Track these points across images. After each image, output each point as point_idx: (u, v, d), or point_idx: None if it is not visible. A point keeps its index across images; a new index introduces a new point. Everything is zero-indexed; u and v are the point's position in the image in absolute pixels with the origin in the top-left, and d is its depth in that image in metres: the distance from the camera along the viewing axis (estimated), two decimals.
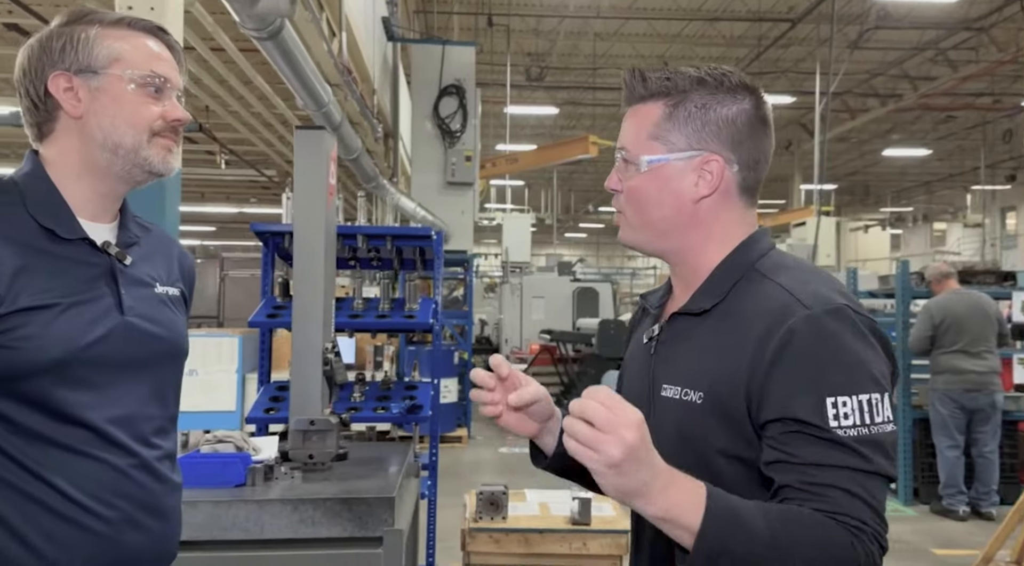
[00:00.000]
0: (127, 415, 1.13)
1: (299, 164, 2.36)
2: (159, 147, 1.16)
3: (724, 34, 13.40)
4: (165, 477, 1.18)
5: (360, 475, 2.15)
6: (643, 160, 1.05)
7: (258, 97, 8.51)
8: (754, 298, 0.99)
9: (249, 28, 3.53)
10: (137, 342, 1.15)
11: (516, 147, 14.90)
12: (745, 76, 1.06)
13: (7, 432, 1.04)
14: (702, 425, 0.98)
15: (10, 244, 1.06)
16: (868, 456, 0.91)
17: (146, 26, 1.19)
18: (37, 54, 1.13)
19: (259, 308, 2.94)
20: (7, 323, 1.02)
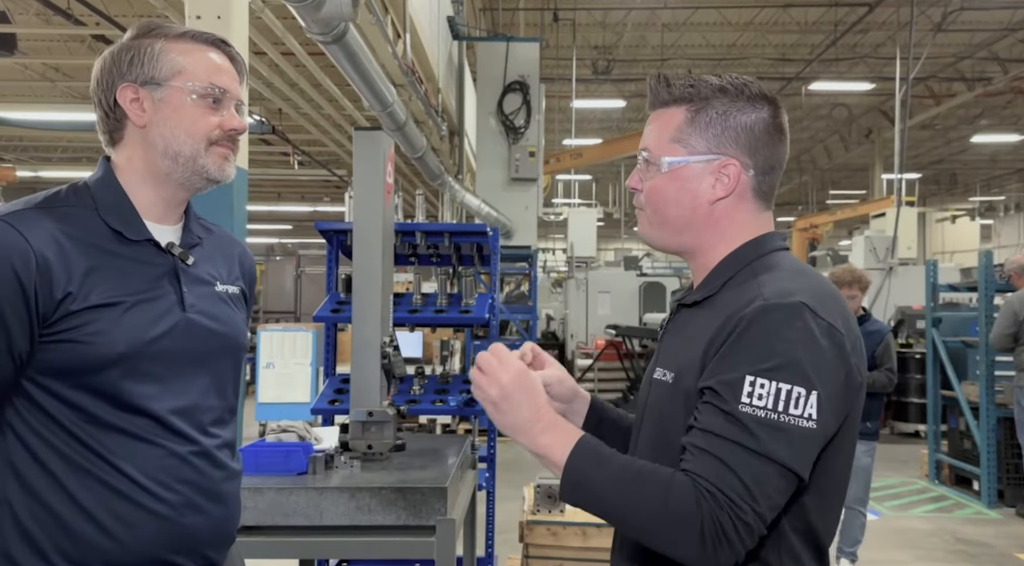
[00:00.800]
0: (188, 406, 1.20)
1: (358, 164, 2.44)
2: (216, 155, 1.22)
3: (798, 20, 12.95)
4: (223, 464, 1.25)
5: (416, 466, 2.21)
6: (664, 161, 1.11)
7: (327, 99, 8.77)
8: (736, 293, 1.05)
9: (315, 32, 3.64)
10: (197, 337, 1.21)
11: (582, 141, 14.84)
12: (764, 86, 1.13)
13: (81, 420, 1.12)
14: (670, 404, 1.07)
15: (82, 246, 1.14)
16: (760, 437, 0.94)
17: (208, 38, 1.25)
18: (108, 66, 1.22)
19: (323, 303, 3.05)
20: (79, 319, 1.10)
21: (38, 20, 8.07)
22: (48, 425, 1.12)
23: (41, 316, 1.09)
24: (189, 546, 1.19)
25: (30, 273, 1.08)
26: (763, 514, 0.94)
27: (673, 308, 1.21)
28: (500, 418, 1.07)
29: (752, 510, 0.94)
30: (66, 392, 1.11)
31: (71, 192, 1.21)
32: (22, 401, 1.12)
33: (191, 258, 1.25)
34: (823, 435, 0.98)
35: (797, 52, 14.18)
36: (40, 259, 1.09)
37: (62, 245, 1.12)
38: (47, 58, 9.62)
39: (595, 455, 1.02)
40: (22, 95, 11.50)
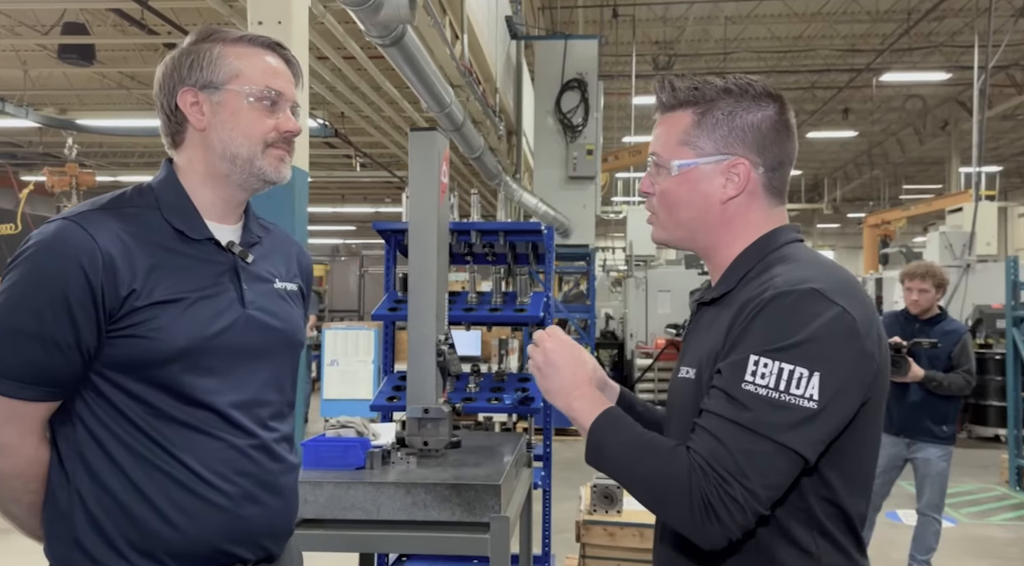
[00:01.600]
0: (247, 400, 1.24)
1: (413, 164, 2.47)
2: (272, 157, 1.26)
3: (868, 9, 12.48)
4: (282, 457, 1.28)
5: (471, 463, 2.22)
6: (673, 164, 1.14)
7: (388, 101, 8.91)
8: (752, 287, 1.07)
9: (374, 36, 3.71)
10: (256, 333, 1.25)
11: (642, 138, 14.65)
12: (769, 85, 1.15)
13: (145, 413, 1.17)
14: (693, 400, 1.08)
15: (146, 245, 1.19)
16: (756, 414, 0.96)
17: (264, 42, 1.28)
18: (169, 71, 1.26)
19: (382, 302, 3.10)
20: (142, 315, 1.15)
21: (115, 31, 8.45)
22: (115, 418, 1.16)
23: (107, 312, 1.13)
24: (247, 537, 1.23)
25: (97, 271, 1.12)
26: (755, 491, 0.96)
27: (693, 308, 1.23)
28: (543, 382, 1.16)
29: (741, 486, 0.95)
30: (131, 385, 1.16)
31: (135, 193, 1.26)
32: (91, 394, 1.17)
33: (250, 256, 1.28)
34: (830, 417, 0.98)
35: (868, 42, 13.67)
36: (106, 257, 1.13)
37: (126, 244, 1.16)
38: (123, 67, 10.06)
39: (617, 423, 1.09)
40: (100, 103, 12.07)
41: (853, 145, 20.52)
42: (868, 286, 11.36)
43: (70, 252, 1.12)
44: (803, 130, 18.51)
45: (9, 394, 1.12)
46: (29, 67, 9.82)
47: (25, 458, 1.17)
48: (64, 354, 1.13)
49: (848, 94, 15.19)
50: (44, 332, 1.11)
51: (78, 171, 7.92)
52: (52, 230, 1.15)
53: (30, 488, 1.19)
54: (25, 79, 9.90)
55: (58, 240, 1.14)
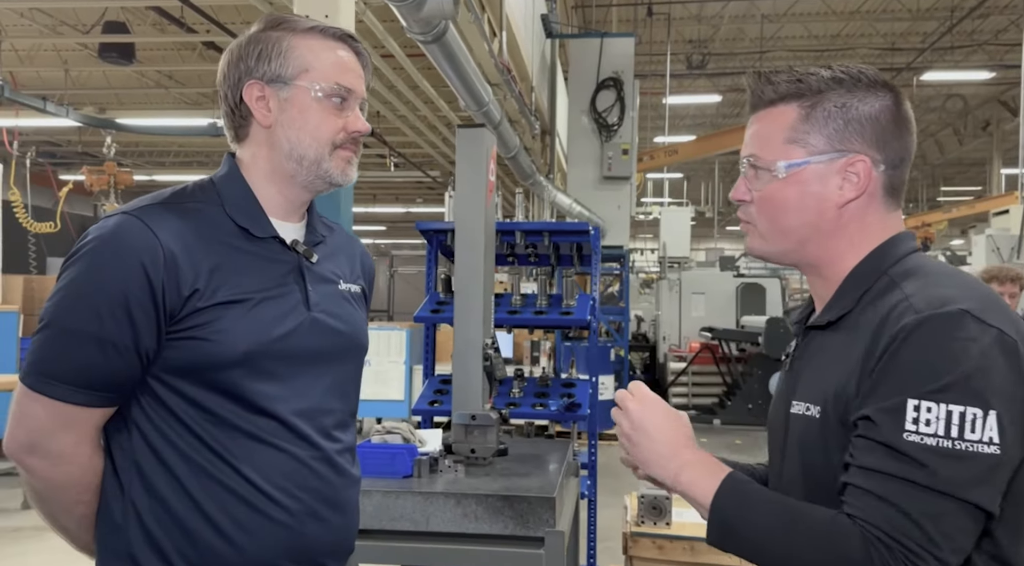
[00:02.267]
0: (310, 408, 1.16)
1: (460, 162, 2.40)
2: (339, 159, 1.19)
3: (909, 7, 12.20)
4: (344, 470, 1.21)
5: (521, 472, 2.14)
6: (780, 165, 1.01)
7: (424, 101, 8.88)
8: (877, 307, 0.94)
9: (415, 32, 3.65)
10: (321, 336, 1.18)
11: (675, 138, 14.48)
12: (881, 73, 1.02)
13: (205, 421, 1.10)
14: (819, 442, 0.95)
15: (209, 242, 1.12)
16: (934, 470, 0.83)
17: (336, 33, 1.21)
18: (235, 60, 1.18)
19: (423, 304, 3.03)
20: (205, 316, 1.08)
21: (154, 30, 8.53)
22: (172, 425, 1.10)
23: (168, 313, 1.07)
24: (307, 556, 1.16)
25: (158, 269, 1.06)
26: (947, 561, 0.82)
27: (797, 331, 1.09)
28: (635, 452, 1.02)
29: (934, 558, 0.82)
30: (191, 391, 1.09)
31: (197, 188, 1.19)
32: (148, 400, 1.10)
33: (315, 256, 1.22)
34: (1009, 461, 0.85)
35: (908, 41, 13.37)
36: (168, 255, 1.07)
37: (189, 241, 1.10)
38: (161, 66, 10.17)
39: (744, 495, 0.94)
40: (138, 102, 12.23)
41: None
42: None
43: (130, 249, 1.06)
44: None
45: (64, 399, 1.06)
46: (70, 67, 9.97)
47: (79, 466, 1.11)
48: (122, 357, 1.06)
49: None
50: (101, 333, 1.05)
51: (116, 170, 8.00)
52: (112, 225, 1.09)
53: (83, 499, 1.13)
54: (66, 78, 10.05)
55: (118, 236, 1.07)
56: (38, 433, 1.07)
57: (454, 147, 6.05)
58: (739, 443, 7.96)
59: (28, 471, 1.10)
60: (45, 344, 1.06)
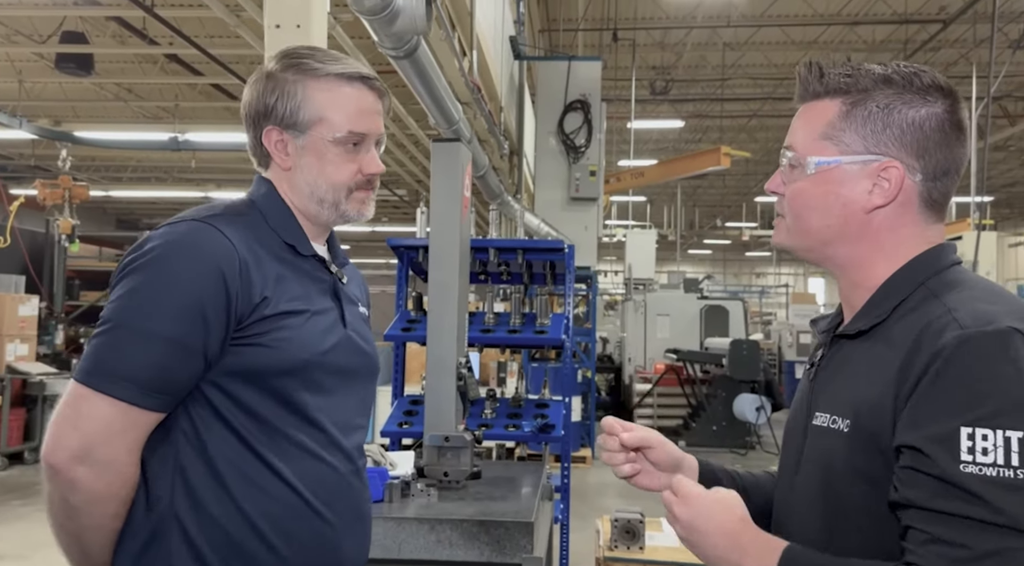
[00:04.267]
0: (346, 423, 1.19)
1: (436, 176, 2.35)
2: (356, 201, 1.23)
3: (865, 39, 12.60)
4: (367, 485, 1.25)
5: (496, 496, 2.07)
6: (810, 161, 0.97)
7: (392, 118, 8.82)
8: (914, 319, 0.89)
9: (387, 47, 3.59)
10: (353, 354, 1.22)
11: (639, 162, 14.64)
12: (941, 76, 0.96)
13: (255, 427, 1.09)
14: (847, 457, 0.90)
15: (270, 253, 1.15)
16: (997, 505, 0.77)
17: (353, 75, 1.22)
18: (255, 101, 1.21)
19: (394, 322, 2.96)
20: (270, 324, 1.10)
21: (114, 41, 8.33)
22: (222, 434, 1.09)
23: (238, 319, 1.09)
24: None
25: (234, 275, 1.08)
26: None
27: (823, 340, 1.04)
28: (696, 551, 0.96)
29: None
30: (247, 396, 1.10)
31: (242, 205, 1.21)
32: (198, 407, 1.10)
33: (344, 277, 1.28)
34: None
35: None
36: (243, 262, 1.10)
37: (256, 251, 1.13)
38: (121, 78, 9.93)
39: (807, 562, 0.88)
40: (95, 115, 11.91)
41: None
42: None
43: (208, 254, 1.08)
44: None
45: (132, 400, 1.04)
46: (24, 77, 9.68)
47: (122, 476, 1.07)
48: (192, 360, 1.07)
49: None
50: (176, 335, 1.05)
51: (71, 184, 7.75)
52: (184, 230, 1.10)
53: (119, 512, 1.09)
54: (20, 89, 9.75)
55: (195, 241, 1.09)
56: (95, 437, 1.03)
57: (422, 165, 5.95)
58: None
59: (71, 483, 1.04)
60: (113, 345, 1.05)
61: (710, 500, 0.94)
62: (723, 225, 26.22)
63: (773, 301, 24.20)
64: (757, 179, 21.53)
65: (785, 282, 25.58)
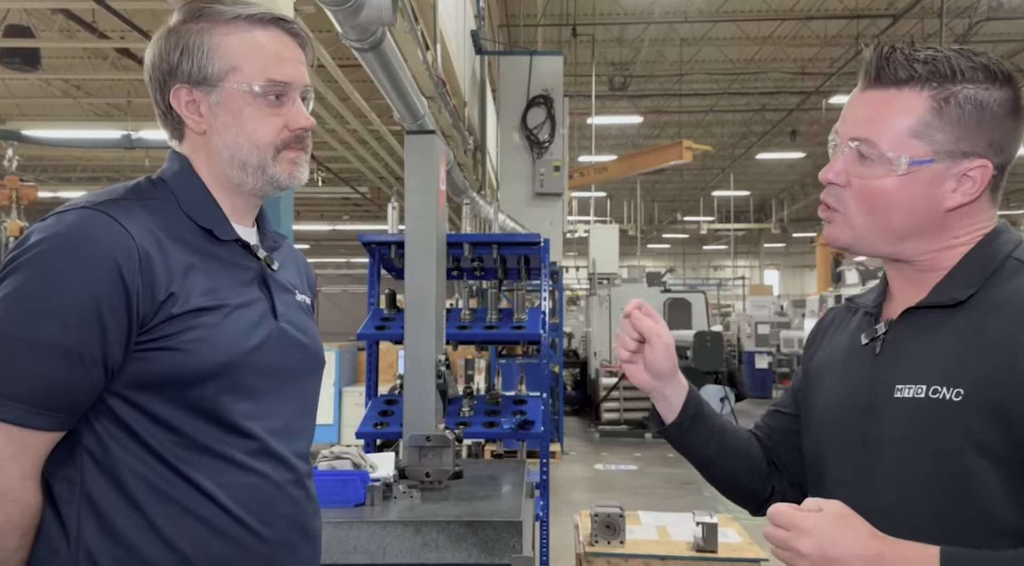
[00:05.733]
0: (283, 427, 1.06)
1: (410, 169, 2.29)
2: (285, 162, 1.09)
3: (818, 34, 12.85)
4: (313, 496, 1.12)
5: (480, 496, 2.03)
6: (902, 161, 0.92)
7: (355, 113, 8.68)
8: (1014, 286, 0.89)
9: (352, 39, 3.51)
10: (289, 350, 1.09)
11: (600, 158, 14.72)
12: (999, 60, 0.93)
13: (173, 443, 0.97)
14: (961, 424, 0.87)
15: (178, 242, 1.01)
16: None
17: (264, 18, 1.08)
18: (158, 60, 1.07)
19: (366, 321, 2.89)
20: (179, 324, 0.97)
21: (61, 35, 8.03)
22: (135, 450, 0.96)
23: (140, 319, 0.95)
24: None
25: (133, 269, 0.94)
26: None
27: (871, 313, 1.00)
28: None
29: None
30: (160, 409, 0.97)
31: (150, 185, 1.07)
32: (105, 422, 0.96)
33: (275, 263, 1.13)
34: None
35: (816, 66, 14.06)
36: (143, 254, 0.95)
37: (161, 240, 0.98)
38: (68, 74, 9.59)
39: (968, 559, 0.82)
40: (42, 112, 11.50)
41: (800, 166, 21.06)
42: (828, 304, 11.54)
43: (100, 247, 0.93)
44: (752, 152, 18.96)
45: (18, 421, 0.90)
46: None
47: (23, 506, 0.94)
48: (88, 371, 0.93)
49: (796, 116, 15.57)
50: (68, 344, 0.91)
51: (18, 184, 7.46)
52: (71, 221, 0.95)
53: (23, 545, 0.95)
54: None
55: (83, 233, 0.94)
56: None
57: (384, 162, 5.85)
58: (671, 456, 8.03)
59: None
60: None
61: (828, 523, 0.84)
62: (682, 219, 26.53)
63: (730, 293, 24.57)
64: (714, 173, 21.82)
65: (742, 274, 25.96)
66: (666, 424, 1.13)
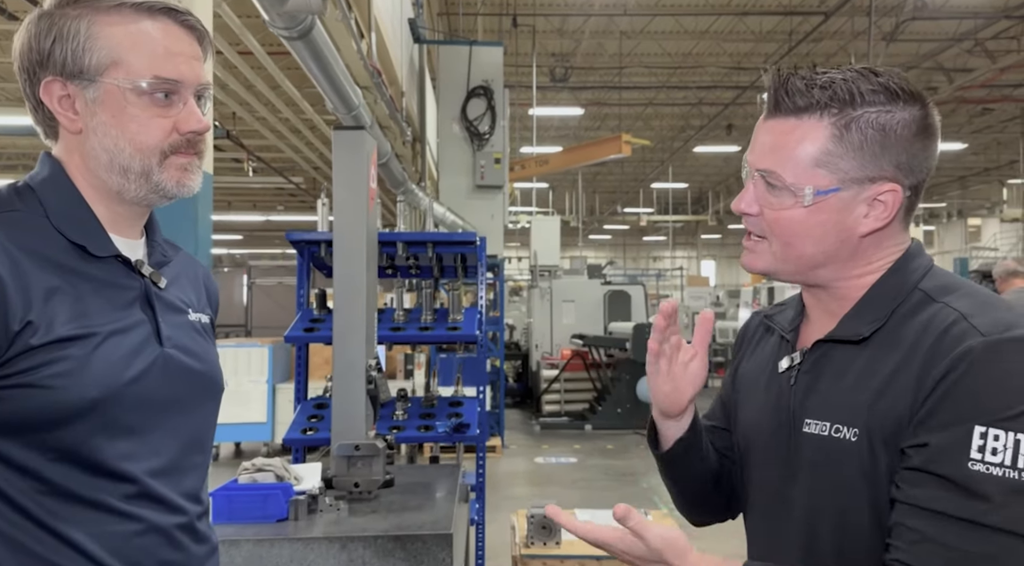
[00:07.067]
0: (169, 465, 0.96)
1: (338, 167, 2.20)
2: (173, 168, 0.96)
3: (753, 29, 13.12)
4: (206, 537, 1.01)
5: (411, 506, 1.97)
6: (807, 192, 0.89)
7: (286, 102, 8.42)
8: (922, 324, 0.87)
9: (279, 27, 3.37)
10: (177, 378, 0.98)
11: (541, 149, 14.72)
12: (907, 78, 0.91)
13: (36, 491, 0.86)
14: (856, 465, 0.87)
15: (38, 261, 0.88)
16: (998, 504, 0.76)
17: (153, 7, 0.95)
18: (27, 48, 0.94)
19: (295, 322, 2.77)
20: (41, 357, 0.85)
21: None
22: None
23: None
24: None
25: None
26: None
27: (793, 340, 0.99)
28: None
29: None
30: (18, 454, 0.85)
31: (13, 194, 0.94)
32: None
33: (163, 280, 1.01)
34: None
35: (752, 61, 14.36)
36: None
37: (16, 260, 0.86)
38: None
39: None
40: None
41: (736, 160, 21.52)
42: (761, 296, 11.82)
43: None
44: (689, 145, 19.28)
45: None
46: None
47: None
48: None
49: (732, 110, 15.89)
50: None
51: None
52: None
53: None
54: None
55: None
56: None
57: (319, 152, 5.66)
58: (611, 448, 8.11)
59: None
60: None
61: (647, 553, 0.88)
62: (622, 211, 26.83)
63: (669, 283, 24.99)
64: (653, 166, 22.12)
65: (680, 265, 26.46)
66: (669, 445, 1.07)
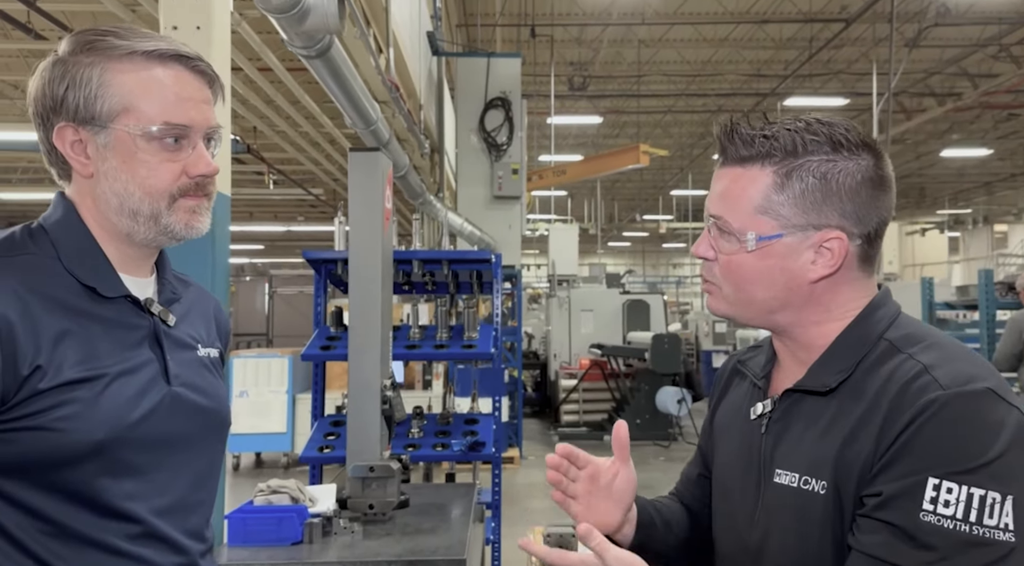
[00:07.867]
0: (175, 504, 0.97)
1: (354, 188, 2.21)
2: (182, 211, 0.98)
3: (773, 37, 13.03)
4: None
5: (426, 529, 1.96)
6: (750, 237, 0.92)
7: (305, 116, 8.51)
8: (885, 375, 0.87)
9: (297, 46, 3.40)
10: (184, 416, 0.99)
11: (559, 157, 14.73)
12: (859, 129, 0.93)
13: (41, 533, 0.86)
14: (824, 518, 0.88)
15: (50, 304, 0.89)
16: (945, 556, 0.77)
17: (165, 54, 0.97)
18: (41, 93, 0.96)
19: (312, 340, 2.79)
20: (49, 400, 0.86)
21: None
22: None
23: (0, 398, 0.85)
24: None
25: None
26: None
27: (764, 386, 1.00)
28: None
29: None
30: (25, 495, 0.86)
31: (27, 236, 0.95)
32: None
33: (172, 317, 1.02)
34: (1020, 550, 0.79)
35: (772, 68, 14.26)
36: (3, 324, 0.85)
37: (27, 304, 0.87)
38: (5, 75, 9.22)
39: None
40: None
41: None
42: None
43: None
44: (709, 152, 19.18)
45: None
46: None
47: None
48: None
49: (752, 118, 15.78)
50: None
51: None
52: None
53: None
54: None
55: None
56: None
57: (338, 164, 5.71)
58: None
59: None
60: None
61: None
62: (641, 218, 26.74)
63: (689, 290, 24.87)
64: (672, 173, 22.04)
65: (700, 272, 26.31)
66: None
